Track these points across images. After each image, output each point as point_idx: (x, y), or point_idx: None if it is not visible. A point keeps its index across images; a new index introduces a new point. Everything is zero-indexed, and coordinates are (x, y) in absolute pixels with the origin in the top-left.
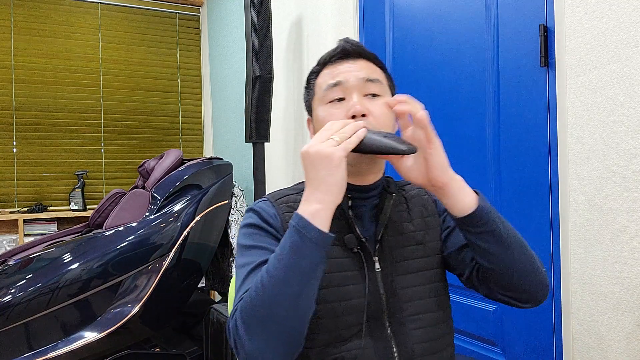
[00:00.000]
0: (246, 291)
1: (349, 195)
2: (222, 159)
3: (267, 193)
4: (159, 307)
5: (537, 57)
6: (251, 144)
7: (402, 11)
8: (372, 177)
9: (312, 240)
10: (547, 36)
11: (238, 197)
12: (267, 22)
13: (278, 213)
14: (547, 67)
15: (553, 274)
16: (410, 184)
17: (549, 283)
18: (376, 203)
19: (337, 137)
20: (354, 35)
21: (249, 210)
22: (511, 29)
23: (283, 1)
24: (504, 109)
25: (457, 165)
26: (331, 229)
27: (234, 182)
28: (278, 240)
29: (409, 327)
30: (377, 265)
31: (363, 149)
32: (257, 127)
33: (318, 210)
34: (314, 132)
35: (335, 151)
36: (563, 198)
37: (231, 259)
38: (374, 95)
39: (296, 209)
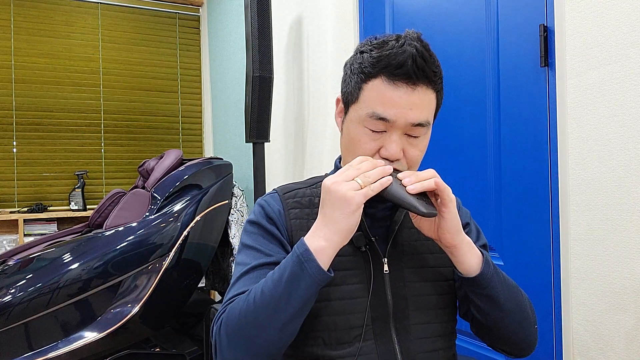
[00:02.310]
0: (236, 295)
1: None
2: (222, 159)
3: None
4: (159, 307)
5: (537, 57)
6: (251, 144)
7: (402, 11)
8: None
9: (312, 276)
10: (547, 36)
11: (238, 197)
12: (267, 22)
13: (283, 209)
14: (547, 67)
15: (553, 274)
16: None
17: (537, 340)
18: (391, 205)
19: (361, 180)
20: (354, 35)
21: (257, 204)
22: (511, 29)
23: (283, 1)
24: (504, 109)
25: (458, 165)
26: None
27: (234, 182)
28: (278, 240)
29: (414, 336)
30: (386, 268)
31: (384, 197)
32: (257, 127)
33: (324, 248)
34: (341, 124)
35: (355, 196)
36: (563, 198)
37: (231, 259)
38: (416, 137)
39: (305, 206)
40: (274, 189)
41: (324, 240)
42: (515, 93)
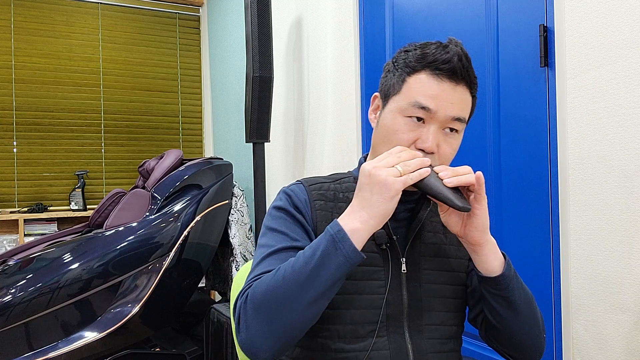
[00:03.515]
0: (262, 273)
1: None
2: (222, 159)
3: (267, 191)
4: (159, 307)
5: (537, 57)
6: (251, 144)
7: (402, 11)
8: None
9: (345, 255)
10: (547, 36)
11: (238, 197)
12: (267, 22)
13: (309, 199)
14: (547, 67)
15: (553, 274)
16: None
17: (544, 349)
18: (412, 207)
19: (401, 168)
20: (354, 35)
21: (282, 192)
22: (511, 29)
23: (283, 1)
24: (504, 109)
25: (457, 165)
26: None
27: (234, 182)
28: (304, 228)
29: (426, 335)
30: (404, 267)
31: (421, 188)
32: (257, 127)
33: (358, 229)
34: (376, 118)
35: (395, 182)
36: (563, 198)
37: (231, 259)
38: (452, 130)
39: (329, 199)
40: (297, 180)
41: (359, 222)
42: (515, 93)
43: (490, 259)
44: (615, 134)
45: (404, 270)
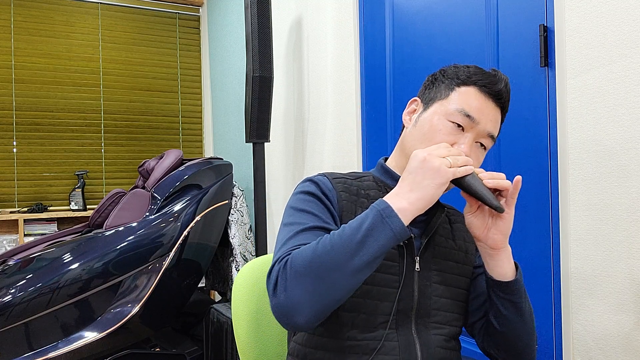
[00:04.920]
0: (299, 245)
1: None
2: (222, 159)
3: (267, 191)
4: (159, 307)
5: (537, 57)
6: (251, 144)
7: (402, 11)
8: None
9: (393, 229)
10: (547, 36)
11: (238, 197)
12: (267, 22)
13: (335, 189)
14: (547, 67)
15: (553, 274)
16: (453, 208)
17: (536, 357)
18: (427, 211)
19: (451, 160)
20: (354, 35)
21: (307, 180)
22: (511, 29)
23: (283, 1)
24: None
25: None
26: None
27: (234, 182)
28: (332, 214)
29: (432, 332)
30: (417, 266)
31: (462, 184)
32: (257, 127)
33: (406, 208)
34: (412, 120)
35: (447, 171)
36: (563, 198)
37: (231, 259)
38: (482, 145)
39: (352, 193)
40: (320, 174)
41: (407, 202)
42: (515, 93)
43: (505, 264)
44: (615, 134)
45: (417, 268)
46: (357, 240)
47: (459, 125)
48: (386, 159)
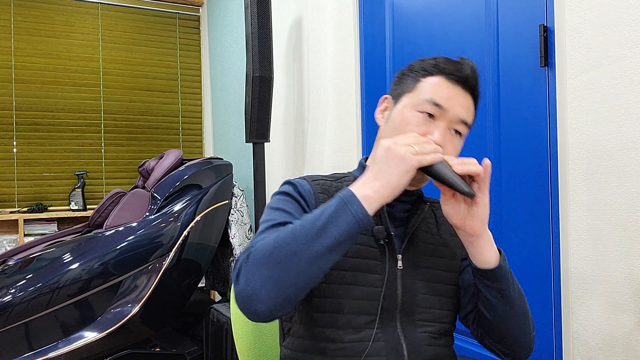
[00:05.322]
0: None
1: None
2: (222, 159)
3: (267, 191)
4: (159, 307)
5: (537, 57)
6: (251, 144)
7: (402, 11)
8: (414, 187)
9: (354, 215)
10: (547, 36)
11: (238, 197)
12: (267, 22)
13: (313, 191)
14: (547, 67)
15: (553, 274)
16: (439, 202)
17: (534, 346)
18: (409, 207)
19: (417, 147)
20: (354, 35)
21: (286, 182)
22: (511, 29)
23: (283, 1)
24: (504, 109)
25: None
26: None
27: (234, 182)
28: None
29: (419, 330)
30: (400, 263)
31: (431, 172)
32: (257, 127)
33: (370, 195)
34: (384, 117)
35: (412, 158)
36: (563, 198)
37: (231, 259)
38: (456, 132)
39: (331, 194)
40: (301, 177)
41: (372, 190)
42: (515, 93)
43: (487, 251)
44: (615, 133)
45: (400, 266)
46: (318, 226)
47: (430, 115)
48: (367, 158)
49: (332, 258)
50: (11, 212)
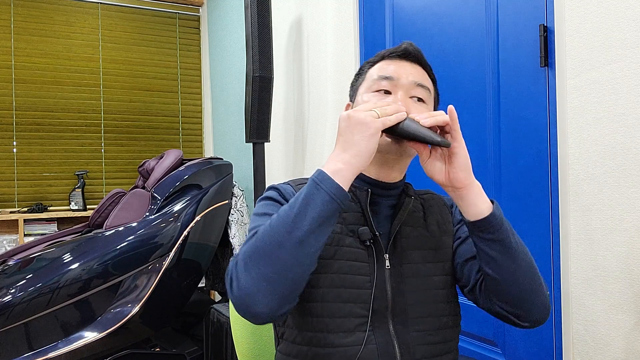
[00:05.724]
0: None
1: (369, 190)
2: (222, 159)
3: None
4: (159, 307)
5: (537, 57)
6: (251, 144)
7: (402, 11)
8: (394, 175)
9: (328, 192)
10: (547, 36)
11: (238, 197)
12: (267, 22)
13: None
14: (547, 67)
15: (553, 274)
16: (428, 192)
17: (550, 307)
18: (394, 203)
19: (378, 111)
20: (354, 35)
21: (270, 188)
22: (511, 29)
23: (283, 1)
24: (504, 109)
25: None
26: (347, 220)
27: (234, 182)
28: None
29: (411, 329)
30: (387, 263)
31: (399, 132)
32: (257, 127)
33: (341, 169)
34: None
35: (374, 121)
36: (563, 198)
37: (231, 258)
38: (419, 100)
39: None
40: (286, 182)
41: (342, 163)
42: (515, 93)
43: (479, 201)
44: (615, 134)
45: (387, 266)
46: (295, 212)
47: (386, 92)
48: None
49: (316, 242)
50: (11, 212)
